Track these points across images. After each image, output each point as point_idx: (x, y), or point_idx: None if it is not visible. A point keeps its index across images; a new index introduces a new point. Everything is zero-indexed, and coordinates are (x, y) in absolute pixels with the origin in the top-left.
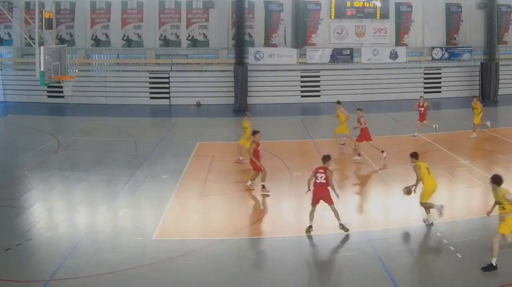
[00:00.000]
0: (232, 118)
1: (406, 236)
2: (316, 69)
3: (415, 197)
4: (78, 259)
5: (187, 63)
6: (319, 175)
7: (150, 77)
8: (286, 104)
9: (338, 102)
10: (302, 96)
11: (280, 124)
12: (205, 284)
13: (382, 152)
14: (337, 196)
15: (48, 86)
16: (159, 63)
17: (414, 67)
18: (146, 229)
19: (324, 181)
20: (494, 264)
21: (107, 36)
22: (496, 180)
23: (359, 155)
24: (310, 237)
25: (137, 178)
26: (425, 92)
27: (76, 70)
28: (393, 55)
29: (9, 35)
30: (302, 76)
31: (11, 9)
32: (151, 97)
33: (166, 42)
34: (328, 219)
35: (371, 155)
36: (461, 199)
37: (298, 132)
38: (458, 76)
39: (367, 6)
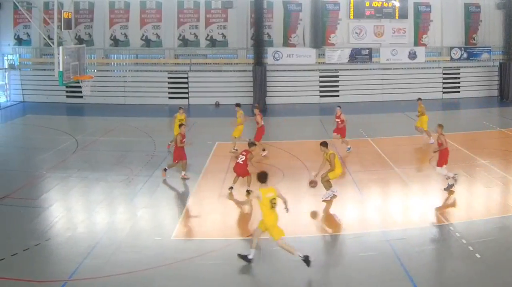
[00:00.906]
0: (251, 118)
1: (425, 236)
2: (335, 69)
3: (431, 198)
4: (97, 259)
5: (206, 63)
6: (241, 155)
7: (168, 77)
8: (305, 104)
9: (238, 105)
10: (321, 96)
11: (299, 125)
12: (224, 284)
13: (263, 150)
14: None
15: (67, 86)
16: (177, 63)
17: (433, 67)
18: (165, 229)
19: (242, 162)
20: (250, 257)
21: (125, 36)
22: (260, 178)
23: (263, 149)
24: (329, 237)
25: (156, 178)
26: (444, 92)
27: (95, 70)
28: (412, 55)
29: (28, 35)
30: (321, 76)
31: (30, 9)
32: (170, 97)
33: (185, 42)
34: (347, 219)
35: (390, 155)
36: (480, 199)
37: (317, 132)
38: (477, 76)
39: (386, 6)
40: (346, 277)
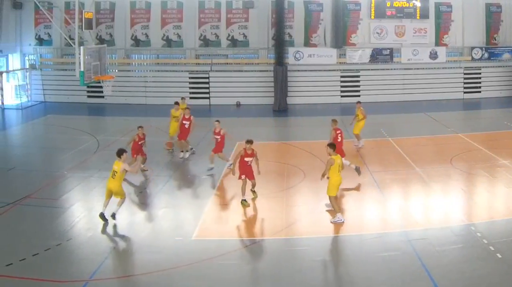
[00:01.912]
0: (272, 119)
1: (446, 236)
2: (356, 69)
3: (452, 198)
4: (117, 259)
5: (227, 63)
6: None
7: (190, 77)
8: (326, 104)
9: (176, 103)
10: (342, 96)
11: (320, 125)
12: (245, 284)
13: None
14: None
15: (88, 87)
16: (199, 63)
17: (454, 67)
18: (186, 229)
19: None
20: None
21: (147, 36)
22: (117, 152)
23: (186, 151)
24: (350, 237)
25: (177, 178)
26: (465, 93)
27: (116, 70)
28: (433, 55)
29: (49, 35)
30: (342, 76)
31: (51, 9)
32: (191, 97)
33: (206, 42)
34: (368, 220)
35: (411, 155)
36: (501, 199)
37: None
38: (498, 76)
39: (407, 6)
40: (367, 277)
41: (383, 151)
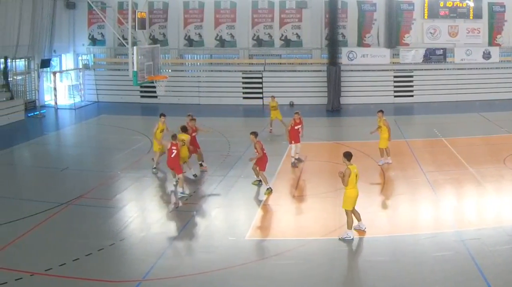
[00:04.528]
0: (325, 119)
1: (499, 236)
2: (409, 69)
3: (506, 197)
4: (171, 259)
5: (280, 63)
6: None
7: (243, 77)
8: (379, 104)
9: (162, 115)
10: (395, 96)
11: (373, 125)
12: (298, 284)
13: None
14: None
15: (141, 87)
16: (252, 63)
17: (507, 67)
18: (239, 229)
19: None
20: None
21: (200, 36)
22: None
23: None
24: (403, 237)
25: (230, 178)
26: None
27: (169, 70)
28: (486, 55)
29: (102, 35)
30: (395, 76)
31: (104, 9)
32: (244, 97)
33: (259, 42)
34: (422, 219)
35: (465, 155)
36: None
37: (391, 132)
38: None
39: (460, 6)
40: (421, 277)
41: (436, 150)
